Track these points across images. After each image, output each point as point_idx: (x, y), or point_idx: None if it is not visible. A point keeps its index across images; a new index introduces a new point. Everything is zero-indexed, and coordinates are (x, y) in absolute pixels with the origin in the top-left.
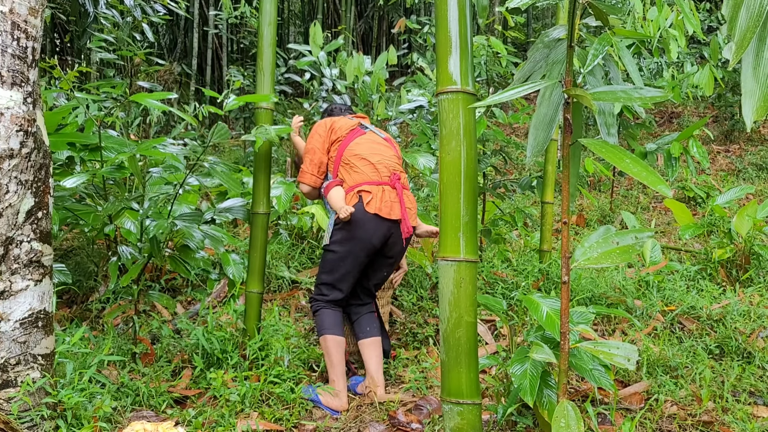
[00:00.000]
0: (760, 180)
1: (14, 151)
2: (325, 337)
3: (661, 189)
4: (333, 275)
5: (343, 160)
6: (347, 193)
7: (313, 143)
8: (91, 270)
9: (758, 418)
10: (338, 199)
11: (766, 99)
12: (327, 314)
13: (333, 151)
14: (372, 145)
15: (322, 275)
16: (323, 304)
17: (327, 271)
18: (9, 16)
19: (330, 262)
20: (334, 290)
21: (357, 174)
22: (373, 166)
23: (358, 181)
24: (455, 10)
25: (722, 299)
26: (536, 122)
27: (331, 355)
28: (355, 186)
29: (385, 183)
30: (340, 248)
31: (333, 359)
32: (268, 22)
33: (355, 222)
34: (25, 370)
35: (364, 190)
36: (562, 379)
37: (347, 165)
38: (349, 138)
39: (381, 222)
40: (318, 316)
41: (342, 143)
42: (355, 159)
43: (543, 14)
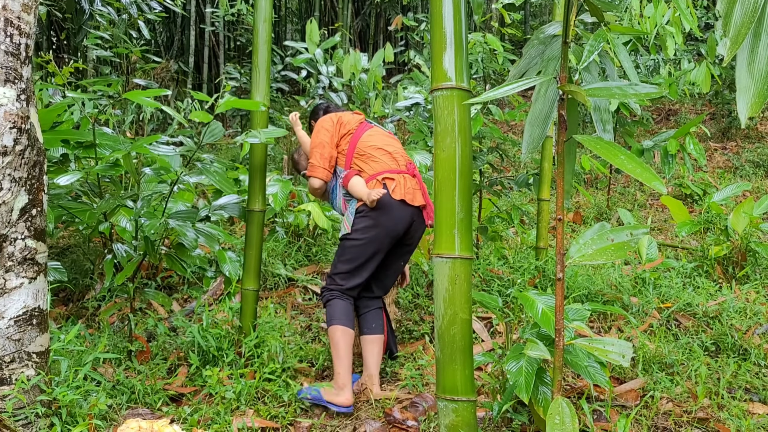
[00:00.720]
0: (757, 177)
1: (8, 149)
2: (335, 327)
3: (656, 186)
4: (353, 263)
5: (357, 151)
6: (368, 181)
7: (321, 137)
8: (87, 268)
9: (753, 414)
10: (362, 186)
11: (761, 95)
12: (339, 304)
13: (344, 144)
14: (384, 137)
15: (340, 264)
16: (337, 293)
17: (347, 260)
18: (2, 12)
19: (351, 249)
20: (353, 278)
21: (376, 163)
22: (391, 156)
23: (378, 170)
24: (450, 7)
25: (718, 296)
26: (531, 119)
27: (338, 346)
28: (376, 174)
29: (404, 171)
30: (364, 235)
31: (340, 351)
32: (264, 18)
33: (381, 208)
34: (20, 367)
35: (387, 177)
36: (557, 376)
37: (363, 156)
38: (360, 130)
39: (406, 208)
40: (329, 305)
41: (354, 135)
42: (371, 150)
43: (541, 11)
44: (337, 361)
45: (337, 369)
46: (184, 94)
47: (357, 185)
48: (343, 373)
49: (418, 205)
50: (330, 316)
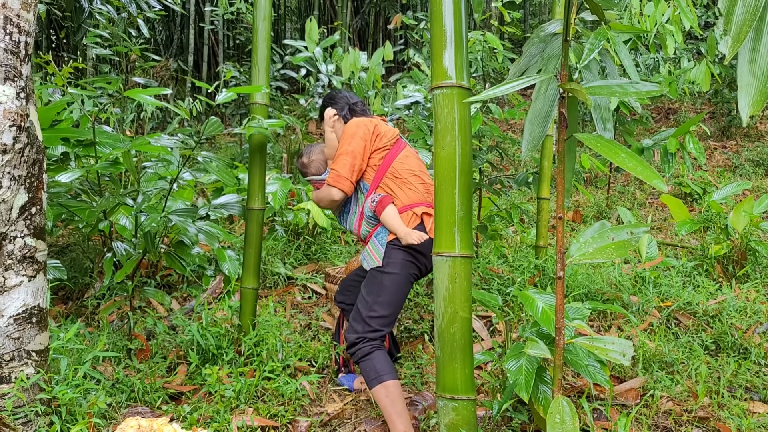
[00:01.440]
0: (757, 176)
1: (7, 147)
2: (387, 384)
3: (657, 184)
4: (395, 305)
5: (392, 171)
6: (402, 211)
7: (354, 146)
8: (87, 266)
9: (754, 413)
10: (398, 219)
11: (763, 93)
12: (381, 355)
13: (376, 158)
14: (419, 162)
15: (379, 307)
16: (377, 344)
17: (388, 301)
18: (1, 10)
19: (392, 287)
20: (392, 321)
21: (412, 192)
22: (427, 187)
23: (414, 200)
24: (450, 5)
25: (718, 295)
26: (532, 117)
27: (396, 403)
28: (413, 205)
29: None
30: (405, 271)
31: (399, 407)
32: (264, 17)
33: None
34: (19, 366)
35: (426, 212)
36: (558, 374)
37: (398, 179)
38: (396, 148)
39: None
40: (370, 360)
41: (390, 152)
42: (407, 174)
43: (540, 10)
44: (398, 419)
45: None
46: (184, 92)
47: (393, 218)
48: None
49: None
50: (376, 372)
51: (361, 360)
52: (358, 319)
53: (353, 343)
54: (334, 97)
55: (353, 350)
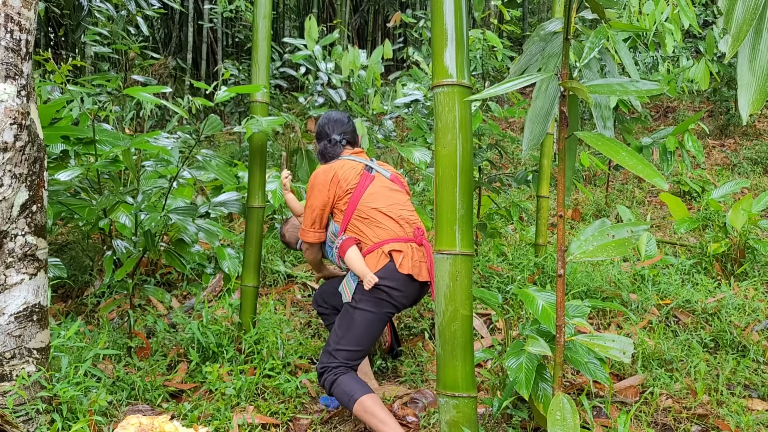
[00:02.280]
0: (755, 174)
1: (8, 145)
2: (361, 400)
3: (657, 182)
4: (363, 342)
5: (358, 213)
6: (372, 250)
7: (313, 200)
8: (86, 264)
9: (753, 410)
10: (360, 264)
11: (763, 92)
12: (346, 378)
13: (342, 203)
14: (387, 195)
15: (346, 342)
16: (341, 370)
17: (356, 337)
18: (2, 8)
19: (361, 325)
20: (359, 358)
21: (381, 230)
22: (396, 222)
23: (384, 237)
24: (451, 3)
25: (717, 293)
26: (532, 115)
27: (377, 414)
28: (382, 243)
29: (411, 240)
30: (375, 308)
31: (381, 416)
32: (264, 15)
33: (388, 283)
34: (21, 363)
35: (395, 249)
36: (558, 372)
37: (366, 219)
38: (360, 187)
39: (412, 283)
40: (337, 386)
41: (354, 195)
42: (373, 213)
43: (539, 8)
44: (384, 427)
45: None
46: (183, 90)
47: (353, 261)
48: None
49: (423, 280)
50: (347, 394)
51: (331, 389)
52: (325, 351)
53: (320, 374)
54: (321, 128)
55: (322, 381)
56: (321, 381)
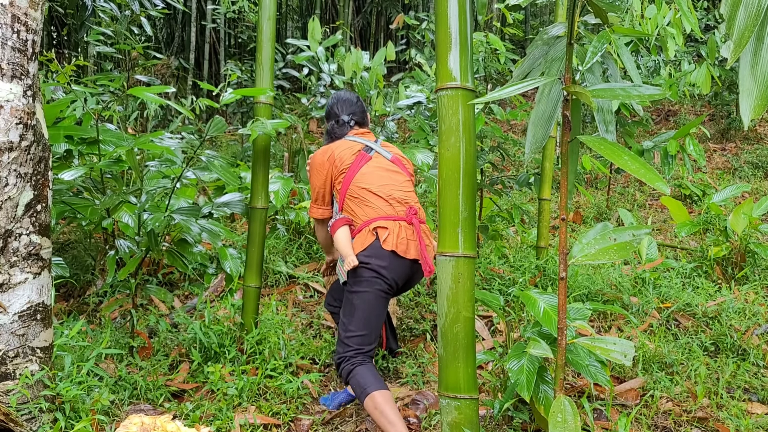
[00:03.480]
0: (756, 178)
1: (14, 144)
2: (373, 395)
3: (659, 186)
4: (369, 323)
5: (350, 192)
6: (361, 229)
7: (313, 180)
8: (89, 263)
9: (752, 414)
10: (344, 245)
11: (764, 97)
12: (363, 370)
13: (338, 183)
14: (381, 174)
15: (354, 326)
16: (358, 360)
17: (361, 319)
18: (9, 8)
19: (361, 307)
20: (371, 338)
21: (370, 208)
22: (386, 201)
23: (372, 216)
24: (455, 7)
25: (717, 297)
26: (535, 119)
27: (386, 413)
28: (370, 222)
29: (401, 218)
30: (369, 287)
31: (389, 415)
32: (268, 16)
33: (374, 261)
34: (24, 362)
35: (380, 226)
36: (559, 374)
37: (356, 198)
38: (354, 167)
39: (399, 260)
40: (353, 377)
41: (347, 174)
42: (363, 193)
43: (541, 11)
44: (391, 428)
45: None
46: (185, 90)
47: (340, 242)
48: None
49: (411, 258)
50: (361, 387)
51: (347, 380)
52: (339, 341)
53: (337, 365)
54: (329, 108)
55: (339, 371)
56: (339, 371)
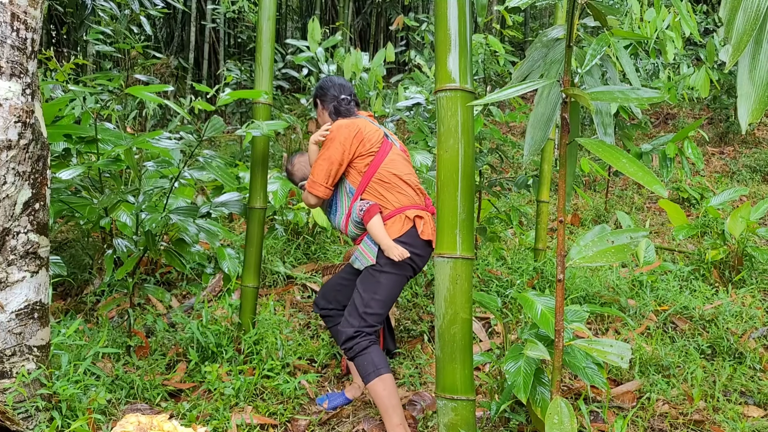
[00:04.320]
0: (754, 182)
1: (12, 142)
2: (384, 378)
3: (657, 189)
4: (389, 302)
5: (379, 176)
6: (394, 215)
7: (332, 152)
8: (86, 262)
9: (749, 417)
10: (384, 234)
11: (762, 101)
12: (377, 349)
13: (360, 163)
14: (404, 162)
15: (375, 303)
16: (374, 338)
17: (383, 298)
18: (9, 6)
19: (387, 285)
20: (383, 320)
21: (402, 195)
22: (414, 189)
23: (405, 203)
24: (455, 9)
25: (715, 300)
26: (534, 121)
27: (393, 397)
28: (403, 209)
29: (429, 209)
30: (399, 270)
31: (394, 400)
32: (268, 17)
33: (410, 249)
34: (21, 361)
35: (417, 215)
36: (556, 376)
37: (387, 184)
38: (382, 152)
39: (429, 250)
40: (367, 353)
41: (376, 157)
42: (395, 179)
43: (540, 14)
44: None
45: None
46: (184, 90)
47: (377, 229)
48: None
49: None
50: (374, 365)
51: (358, 354)
52: (355, 314)
53: (351, 337)
54: (325, 91)
55: (351, 344)
56: (351, 344)
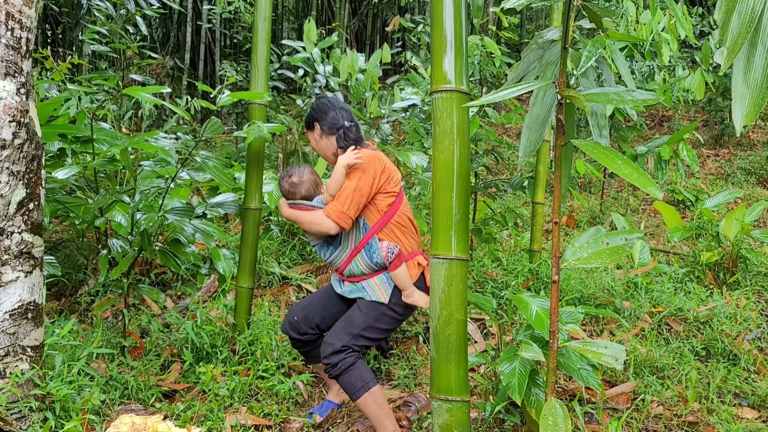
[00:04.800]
0: (749, 184)
1: (6, 142)
2: (373, 391)
3: (652, 191)
4: (382, 335)
5: (398, 218)
6: (408, 260)
7: (363, 183)
8: (81, 262)
9: (742, 419)
10: (409, 281)
11: (757, 104)
12: (363, 363)
13: (383, 202)
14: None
15: (372, 332)
16: (360, 355)
17: (381, 330)
18: (3, 6)
19: (390, 322)
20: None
21: (413, 240)
22: (418, 233)
23: (415, 248)
24: (451, 10)
25: (709, 302)
26: (529, 123)
27: (384, 407)
28: (414, 255)
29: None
30: (403, 311)
31: (385, 409)
32: (264, 17)
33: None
34: (14, 361)
35: (423, 262)
36: (551, 377)
37: (404, 228)
38: (402, 193)
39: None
40: (355, 369)
41: (397, 198)
42: (408, 223)
43: (537, 15)
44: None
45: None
46: (180, 90)
47: (405, 275)
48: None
49: None
50: (363, 380)
51: (345, 371)
52: (348, 331)
53: (339, 351)
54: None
55: (337, 359)
56: (337, 358)
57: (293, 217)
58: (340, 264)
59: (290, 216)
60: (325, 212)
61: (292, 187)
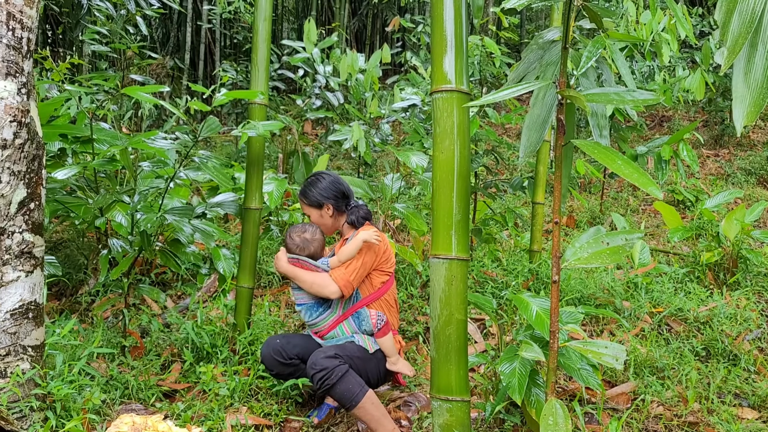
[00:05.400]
0: (749, 185)
1: (7, 142)
2: (370, 392)
3: (652, 191)
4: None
5: (386, 297)
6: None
7: (368, 259)
8: (81, 262)
9: (743, 419)
10: (395, 350)
11: (757, 104)
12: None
13: (377, 279)
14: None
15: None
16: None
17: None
18: (5, 6)
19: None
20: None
21: (395, 320)
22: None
23: (396, 327)
24: (451, 10)
25: (709, 302)
26: (529, 123)
27: (380, 406)
28: (395, 333)
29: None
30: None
31: (382, 409)
32: (264, 17)
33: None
34: (15, 361)
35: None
36: (551, 377)
37: (391, 307)
38: (393, 276)
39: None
40: (348, 376)
41: (390, 279)
42: (394, 303)
43: (537, 16)
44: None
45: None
46: (180, 90)
47: (391, 344)
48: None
49: None
50: (359, 385)
51: (340, 379)
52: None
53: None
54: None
55: (332, 363)
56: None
57: (292, 273)
58: (323, 328)
59: (289, 271)
60: (332, 276)
61: (303, 243)
